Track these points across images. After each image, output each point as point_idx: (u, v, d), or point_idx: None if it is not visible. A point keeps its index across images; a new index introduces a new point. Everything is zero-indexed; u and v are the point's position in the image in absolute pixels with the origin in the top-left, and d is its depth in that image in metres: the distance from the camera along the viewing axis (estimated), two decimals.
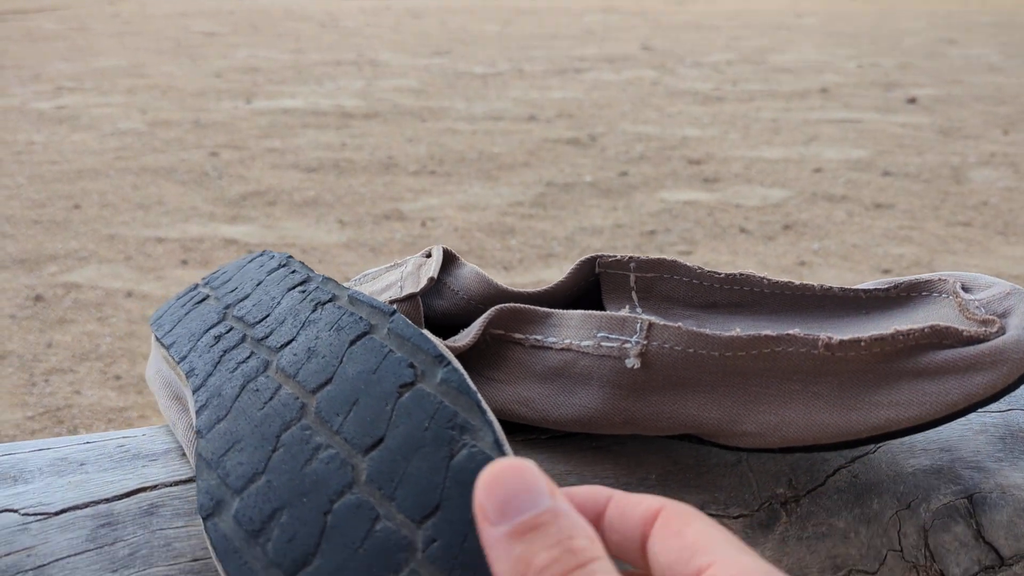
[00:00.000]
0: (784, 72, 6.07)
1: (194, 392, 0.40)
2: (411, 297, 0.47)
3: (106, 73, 5.79)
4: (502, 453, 0.31)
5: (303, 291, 0.42)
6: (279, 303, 0.43)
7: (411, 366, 0.34)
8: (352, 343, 0.37)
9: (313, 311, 0.40)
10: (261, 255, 0.49)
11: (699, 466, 0.45)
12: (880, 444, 0.47)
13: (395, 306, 0.46)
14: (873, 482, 0.46)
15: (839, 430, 0.40)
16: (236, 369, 0.40)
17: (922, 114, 4.67)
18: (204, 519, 0.34)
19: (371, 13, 10.26)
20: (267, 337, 0.41)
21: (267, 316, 0.42)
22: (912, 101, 5.03)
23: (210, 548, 0.33)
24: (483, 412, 0.32)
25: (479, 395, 0.33)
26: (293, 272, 0.45)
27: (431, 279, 0.47)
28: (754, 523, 0.44)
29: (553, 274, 2.43)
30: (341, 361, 0.36)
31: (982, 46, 7.51)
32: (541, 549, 0.23)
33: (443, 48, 7.22)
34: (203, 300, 0.48)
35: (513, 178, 3.40)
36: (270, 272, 0.46)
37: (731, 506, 0.44)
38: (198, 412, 0.39)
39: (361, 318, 0.38)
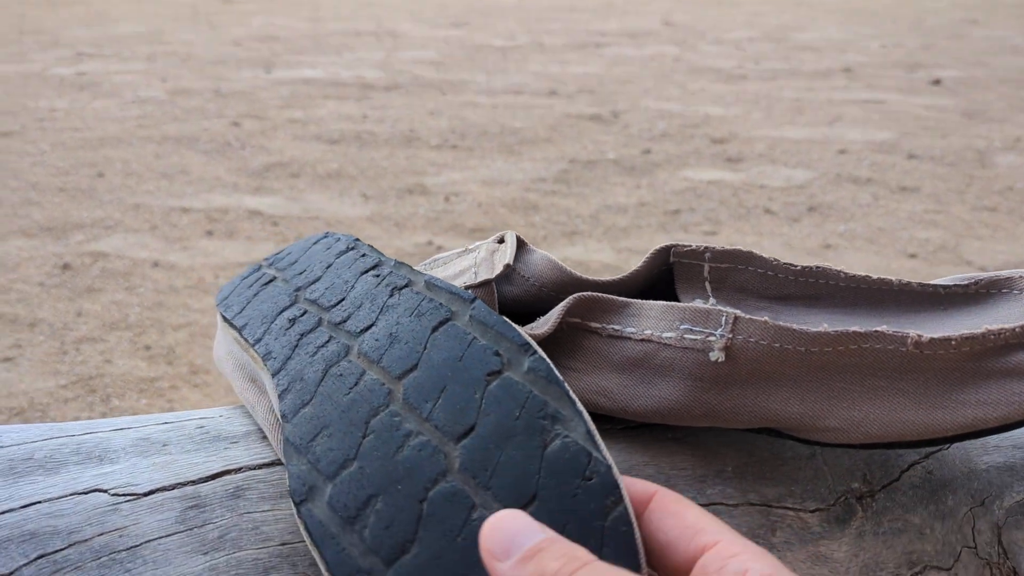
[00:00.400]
0: (807, 51, 6.01)
1: (274, 375, 0.40)
2: (486, 283, 0.46)
3: (125, 39, 5.77)
4: (594, 443, 0.31)
5: (377, 275, 0.42)
6: (353, 287, 0.42)
7: (497, 354, 0.34)
8: (434, 329, 0.36)
9: (390, 296, 0.40)
10: (326, 236, 0.49)
11: (775, 459, 0.45)
12: None
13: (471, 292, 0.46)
14: (947, 478, 0.46)
15: (924, 428, 0.40)
16: (316, 353, 0.39)
17: (946, 96, 4.62)
18: (297, 504, 0.33)
19: None
20: (345, 321, 0.40)
21: (342, 300, 0.42)
22: (936, 83, 4.97)
23: (304, 533, 0.33)
24: (573, 402, 0.32)
25: (567, 385, 0.33)
26: (363, 256, 0.44)
27: (507, 265, 0.46)
28: (830, 517, 0.44)
29: (578, 252, 2.43)
30: (425, 347, 0.36)
31: (1005, 27, 7.41)
32: (550, 561, 0.27)
33: (461, 19, 7.17)
34: (270, 282, 0.48)
35: (535, 153, 3.39)
36: (339, 255, 0.46)
37: (807, 500, 0.44)
38: (280, 396, 0.38)
39: (441, 304, 0.38)
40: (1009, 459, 0.47)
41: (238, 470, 0.42)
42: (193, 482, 0.41)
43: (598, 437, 0.31)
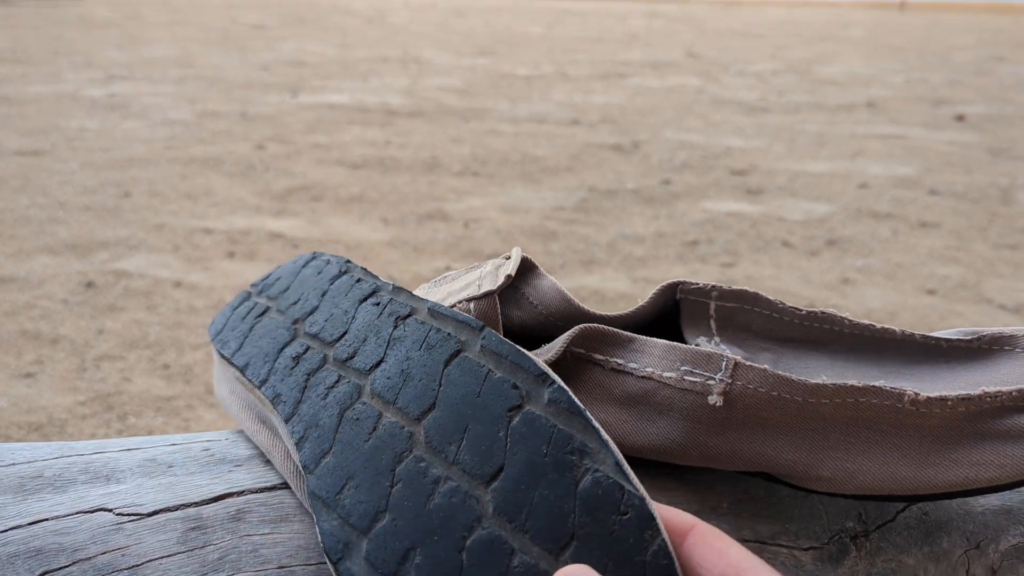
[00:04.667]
0: (830, 84, 6.01)
1: (287, 421, 0.39)
2: (488, 295, 0.47)
3: (156, 62, 5.87)
4: (625, 476, 0.30)
5: (376, 303, 0.41)
6: (354, 318, 0.41)
7: (515, 387, 0.33)
8: (447, 363, 0.35)
9: (395, 327, 0.38)
10: (314, 259, 0.47)
11: (770, 497, 0.45)
12: None
13: (472, 304, 0.46)
14: (943, 520, 0.46)
15: (915, 483, 0.40)
16: (327, 395, 0.38)
17: (970, 132, 4.60)
18: (334, 563, 0.32)
19: (417, 10, 10.31)
20: (352, 358, 0.39)
21: (345, 333, 0.40)
22: (960, 118, 4.96)
23: None
24: (597, 432, 0.31)
25: (589, 414, 0.32)
26: (359, 281, 0.43)
27: (508, 276, 0.46)
28: (824, 556, 0.44)
29: (595, 280, 2.44)
30: (440, 384, 0.35)
31: None
32: None
33: (487, 48, 7.23)
34: (264, 312, 0.46)
35: (556, 182, 3.41)
36: (332, 280, 0.44)
37: (801, 538, 0.44)
38: (298, 445, 0.37)
39: (449, 334, 0.36)
40: (1006, 502, 0.47)
41: (240, 493, 0.43)
42: (196, 504, 0.42)
43: (628, 468, 0.30)
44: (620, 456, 0.31)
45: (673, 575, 0.29)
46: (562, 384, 0.33)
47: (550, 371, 0.33)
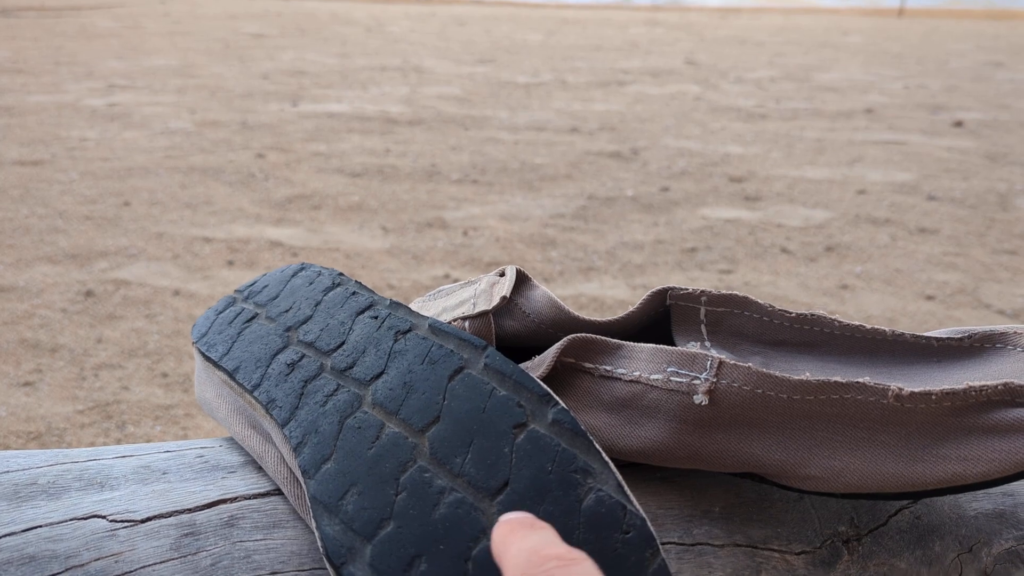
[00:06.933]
0: (829, 91, 6.02)
1: (283, 426, 0.39)
2: (483, 314, 0.47)
3: (157, 72, 5.89)
4: (626, 496, 0.31)
5: (374, 316, 0.41)
6: (351, 329, 0.41)
7: (519, 405, 0.34)
8: (451, 378, 0.36)
9: (395, 341, 0.39)
10: (303, 269, 0.47)
11: (762, 501, 0.45)
12: None
13: (467, 323, 0.47)
14: (935, 524, 0.46)
15: (904, 480, 0.40)
16: (327, 403, 0.38)
17: (968, 138, 4.61)
18: (337, 567, 0.33)
19: (416, 19, 10.34)
20: (350, 368, 0.39)
21: (342, 344, 0.41)
22: (958, 124, 4.97)
23: None
24: (599, 454, 0.32)
25: (591, 436, 0.33)
26: (354, 294, 0.43)
27: (503, 298, 0.47)
28: (816, 560, 0.44)
29: (593, 288, 2.44)
30: (444, 398, 0.35)
31: None
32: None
33: (487, 56, 7.25)
34: (253, 318, 0.46)
35: (555, 190, 3.41)
36: (325, 291, 0.44)
37: (793, 542, 0.44)
38: (296, 450, 0.37)
39: (452, 351, 0.37)
40: (998, 506, 0.47)
41: (233, 499, 0.43)
42: (189, 510, 0.42)
43: (628, 490, 0.32)
44: (621, 478, 0.32)
45: None
46: (564, 406, 0.34)
47: (552, 393, 0.34)
